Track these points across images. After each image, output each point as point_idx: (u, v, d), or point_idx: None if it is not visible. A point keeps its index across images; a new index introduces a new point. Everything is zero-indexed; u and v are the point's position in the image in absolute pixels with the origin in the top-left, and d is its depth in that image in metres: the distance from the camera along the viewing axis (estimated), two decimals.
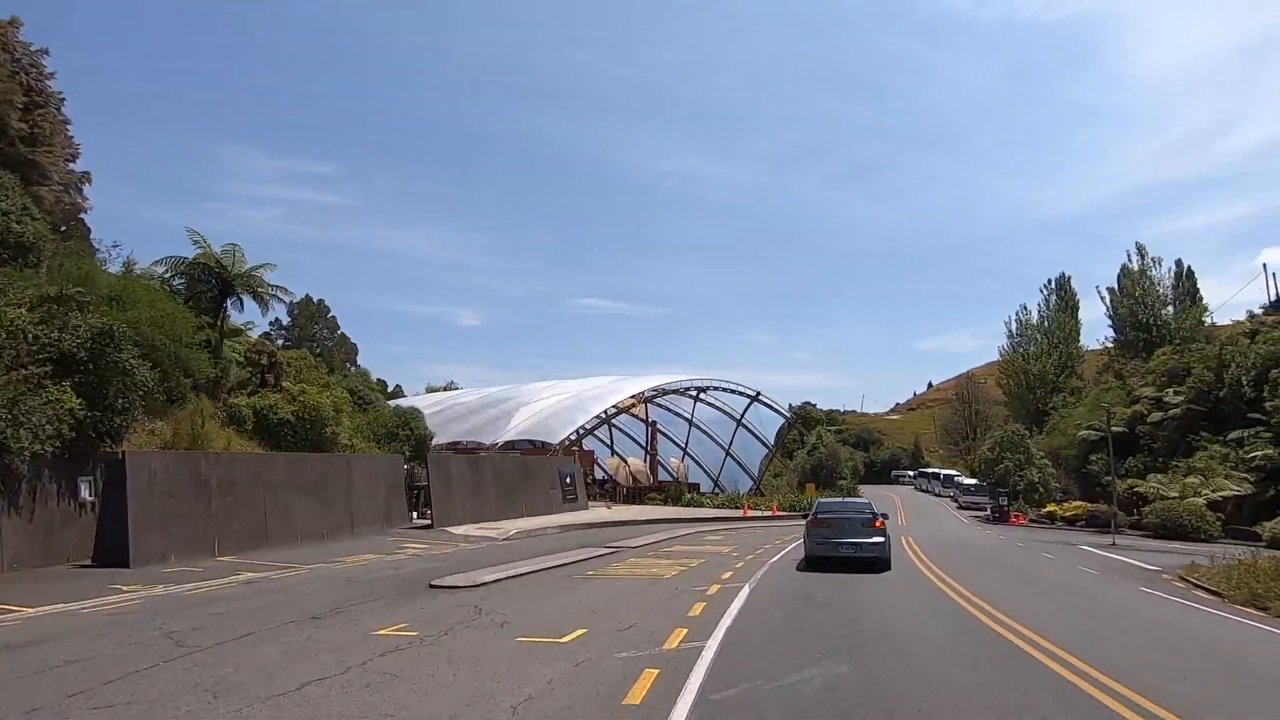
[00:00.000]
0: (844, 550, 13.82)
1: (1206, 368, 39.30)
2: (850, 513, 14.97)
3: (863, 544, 13.83)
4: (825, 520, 14.67)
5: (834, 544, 13.94)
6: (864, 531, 14.04)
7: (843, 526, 14.28)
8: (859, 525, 14.24)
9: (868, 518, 14.50)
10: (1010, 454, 41.85)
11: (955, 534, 30.14)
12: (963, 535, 29.25)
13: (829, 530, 14.29)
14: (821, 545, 14.16)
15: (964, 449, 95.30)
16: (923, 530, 30.76)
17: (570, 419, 39.38)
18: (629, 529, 27.10)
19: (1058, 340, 64.46)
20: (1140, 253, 55.41)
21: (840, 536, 14.03)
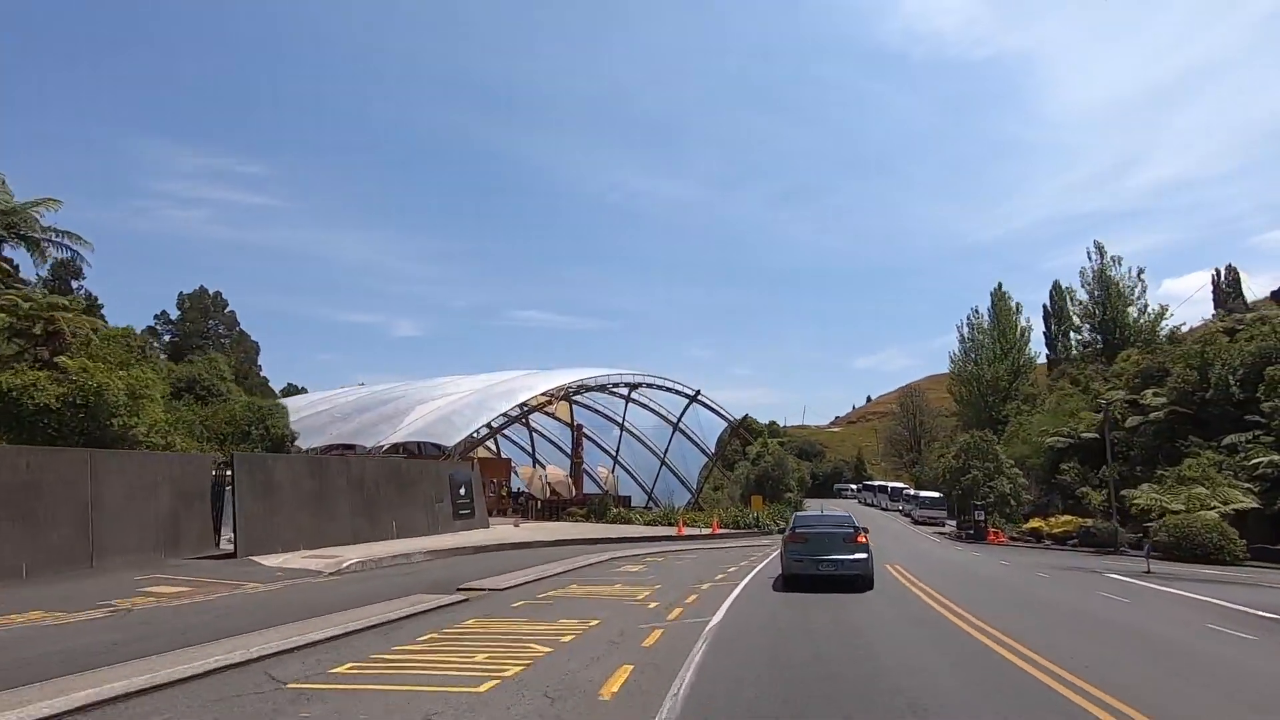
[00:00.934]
0: (824, 568, 13.01)
1: (1189, 366, 35.51)
2: (829, 527, 13.81)
3: (844, 560, 13.03)
4: (803, 535, 13.59)
5: (813, 561, 13.06)
6: (845, 547, 13.14)
7: (822, 542, 13.28)
8: (839, 540, 13.23)
9: (849, 532, 13.35)
10: (978, 462, 37.09)
11: (939, 556, 24.74)
12: (949, 558, 23.83)
13: (807, 546, 13.32)
14: (799, 562, 13.26)
15: (908, 461, 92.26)
16: (900, 551, 25.19)
17: (472, 418, 32.36)
18: (527, 553, 20.52)
19: (1010, 345, 61.28)
20: (1100, 251, 52.59)
21: (820, 553, 13.12)
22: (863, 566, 13.14)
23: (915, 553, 25.31)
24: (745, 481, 48.19)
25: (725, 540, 30.21)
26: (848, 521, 14.07)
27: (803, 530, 13.83)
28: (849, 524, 13.81)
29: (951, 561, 21.92)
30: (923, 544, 30.68)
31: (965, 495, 37.08)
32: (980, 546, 29.43)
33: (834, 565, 12.98)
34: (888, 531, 39.49)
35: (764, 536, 32.75)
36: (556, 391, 35.21)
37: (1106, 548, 25.76)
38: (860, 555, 13.19)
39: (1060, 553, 26.79)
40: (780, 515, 38.82)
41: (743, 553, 23.24)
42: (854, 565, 13.07)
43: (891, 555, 22.97)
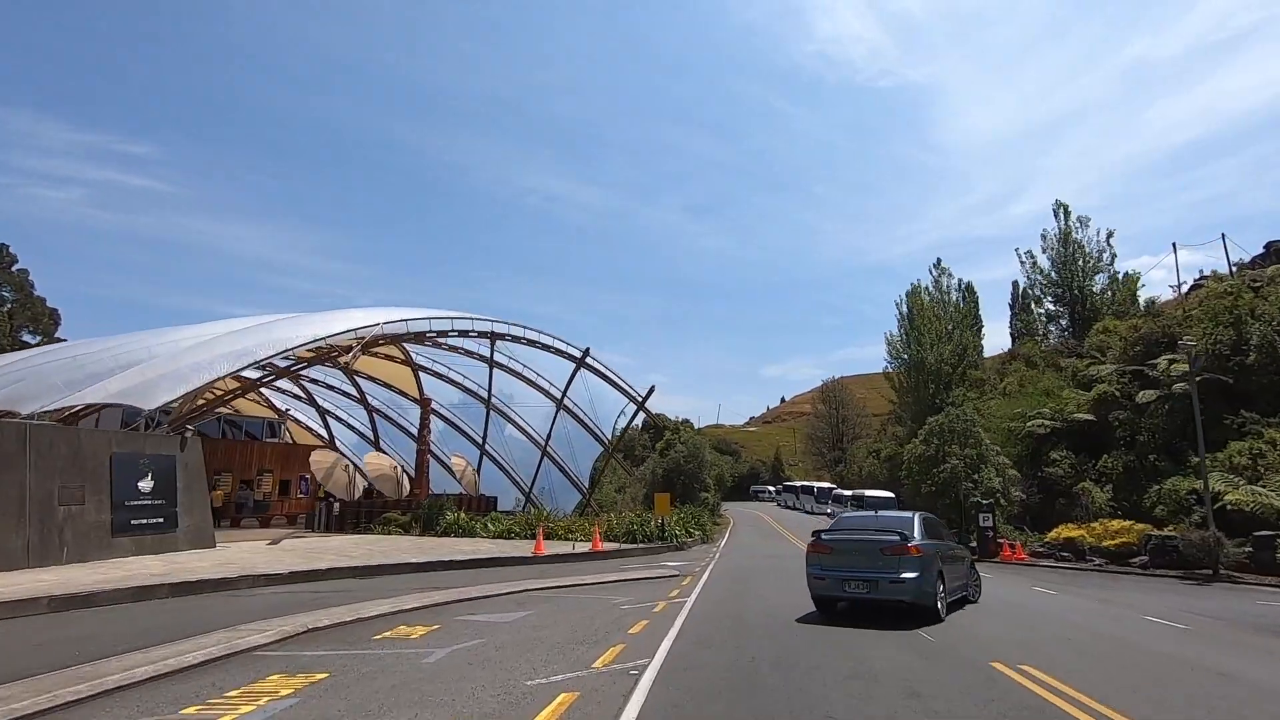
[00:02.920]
0: (852, 589, 9.66)
1: (1219, 324, 27.46)
2: (866, 533, 10.07)
3: (882, 580, 9.42)
4: (828, 545, 10.13)
5: (838, 579, 9.78)
6: (885, 561, 9.48)
7: (851, 554, 9.85)
8: (876, 552, 9.60)
9: (891, 540, 9.62)
10: (957, 448, 27.70)
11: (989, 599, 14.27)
12: (1015, 603, 13.09)
13: (832, 559, 9.97)
14: (821, 581, 10.01)
15: (831, 459, 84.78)
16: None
17: (195, 370, 19.60)
18: (183, 610, 8.42)
19: (954, 325, 53.47)
20: (1064, 212, 45.32)
21: (848, 569, 9.73)
22: (912, 588, 9.28)
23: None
24: (651, 478, 37.34)
25: (609, 562, 19.05)
26: (895, 525, 10.15)
27: (831, 538, 10.26)
28: (895, 528, 9.94)
29: (1030, 611, 11.53)
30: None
31: (939, 493, 27.56)
32: (999, 568, 19.55)
33: (866, 586, 9.50)
34: None
35: (671, 554, 21.78)
36: (366, 339, 22.83)
37: (1200, 569, 16.42)
38: (908, 574, 9.36)
39: (1144, 580, 17.09)
40: (695, 521, 28.04)
41: (631, 591, 12.21)
42: (897, 586, 9.32)
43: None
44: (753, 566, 17.51)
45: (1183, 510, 24.46)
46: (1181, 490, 24.85)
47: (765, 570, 16.78)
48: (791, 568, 17.47)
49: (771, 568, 17.66)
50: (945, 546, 10.63)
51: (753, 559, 20.24)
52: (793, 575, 15.41)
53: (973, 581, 11.91)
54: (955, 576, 10.70)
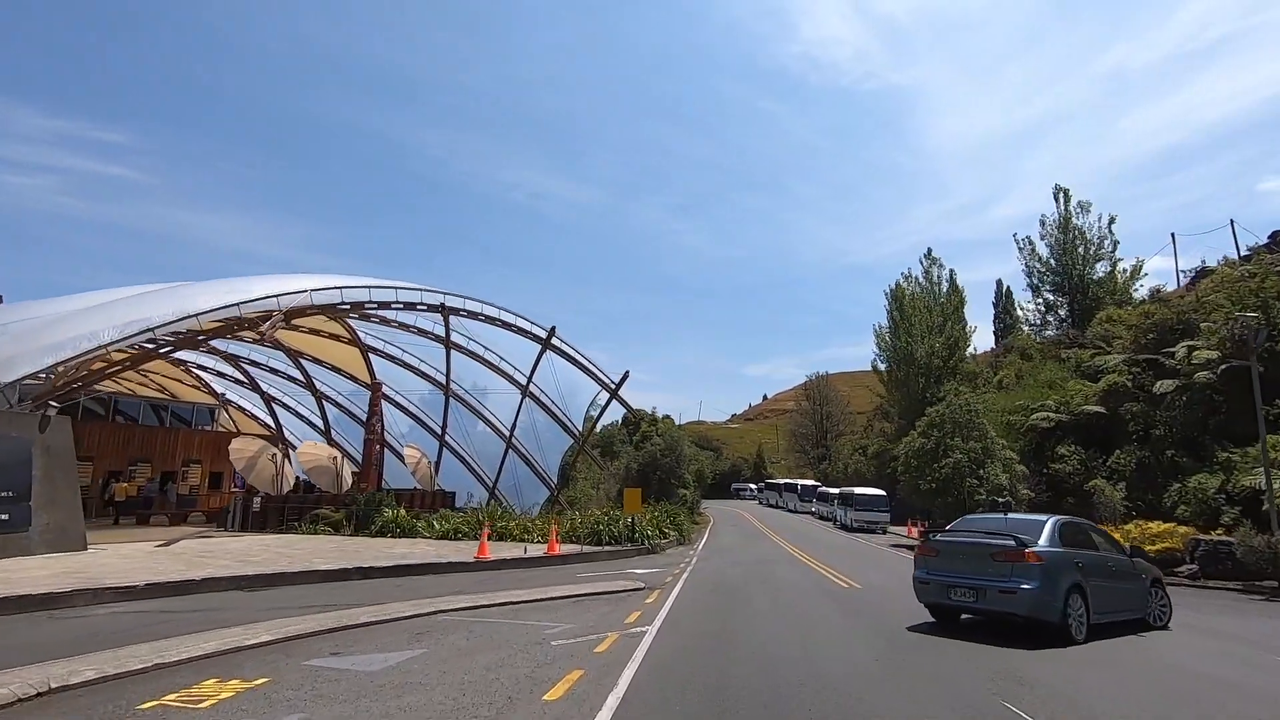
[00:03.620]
0: (956, 596, 8.86)
1: (1246, 308, 25.08)
2: (978, 535, 9.18)
3: (990, 588, 8.51)
4: (934, 548, 9.45)
5: (942, 585, 9.02)
6: (995, 568, 8.57)
7: (959, 557, 9.01)
8: (985, 557, 8.70)
9: (1006, 545, 8.62)
10: (960, 441, 25.06)
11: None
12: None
13: (939, 562, 9.24)
14: (926, 586, 9.32)
15: (814, 457, 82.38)
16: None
17: (82, 340, 16.31)
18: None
19: (945, 317, 51.17)
20: (1064, 197, 43.01)
21: (955, 574, 8.93)
22: (1028, 600, 8.20)
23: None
24: (625, 473, 34.39)
25: (564, 570, 16.12)
26: (1020, 528, 8.94)
27: (940, 540, 9.50)
28: (1018, 531, 8.82)
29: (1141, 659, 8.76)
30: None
31: (940, 490, 24.89)
32: None
33: (972, 594, 8.64)
34: (827, 548, 26.66)
35: (641, 559, 18.89)
36: (290, 308, 19.53)
37: (1261, 580, 13.81)
38: (1024, 583, 8.26)
39: (1205, 595, 14.36)
40: (671, 520, 25.15)
41: (577, 614, 9.24)
42: (1008, 597, 8.29)
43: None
44: (737, 577, 14.61)
45: (1209, 512, 22.07)
46: (1209, 488, 22.44)
47: (753, 582, 13.89)
48: (784, 578, 14.58)
49: (760, 577, 14.78)
50: (1095, 558, 9.31)
51: (736, 566, 17.34)
52: (788, 589, 12.52)
53: (1157, 603, 10.23)
54: (1114, 595, 9.35)
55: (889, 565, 18.95)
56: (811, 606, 10.60)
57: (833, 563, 18.59)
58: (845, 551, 23.22)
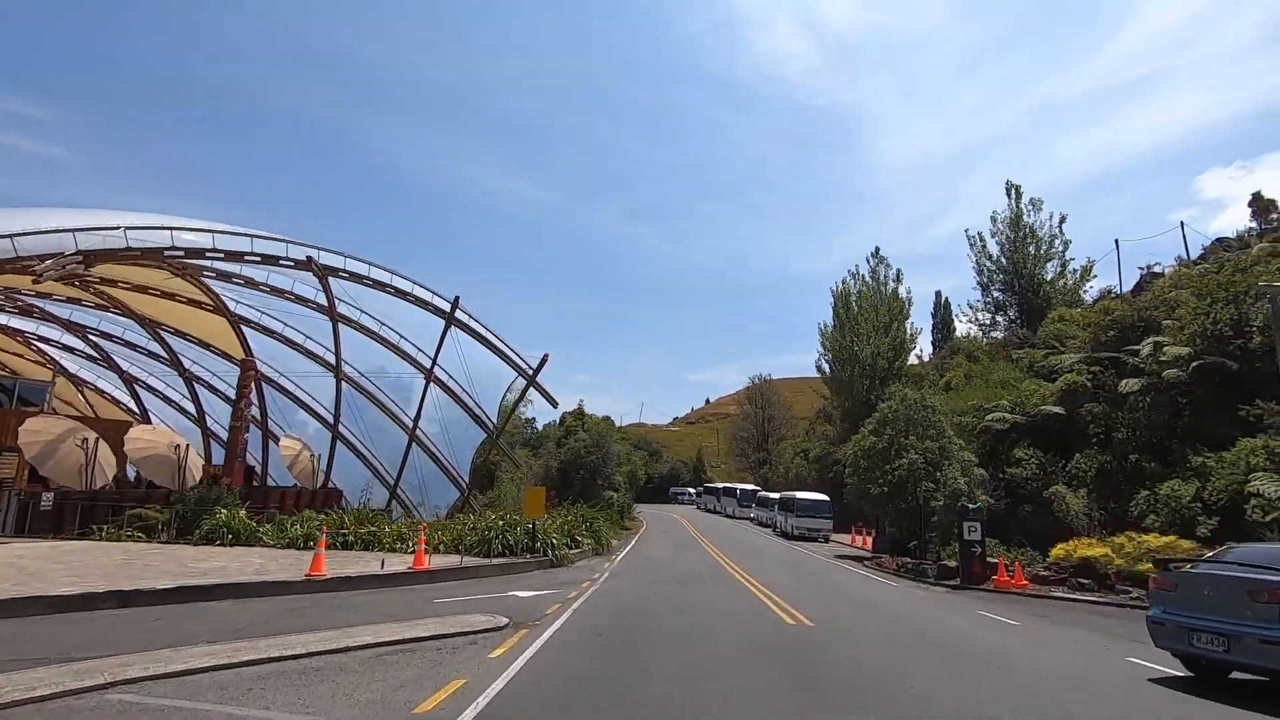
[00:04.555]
0: (1201, 644, 6.74)
1: (1214, 301, 23.27)
2: (1238, 567, 6.86)
3: (1248, 636, 6.29)
4: (1175, 580, 7.38)
5: (1182, 629, 6.94)
6: (1255, 610, 6.35)
7: (1206, 593, 6.86)
8: (1241, 594, 6.48)
9: (1269, 580, 6.36)
10: (914, 440, 22.33)
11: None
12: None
13: (1181, 598, 7.17)
14: (1160, 628, 7.29)
15: (755, 461, 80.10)
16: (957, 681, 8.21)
17: None
18: None
19: (892, 317, 49.25)
20: (1016, 193, 41.54)
21: (1200, 615, 6.84)
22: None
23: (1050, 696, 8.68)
24: (545, 472, 30.53)
25: (420, 591, 12.30)
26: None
27: (1184, 573, 7.35)
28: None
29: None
30: (909, 611, 13.36)
31: (892, 495, 22.06)
32: (1005, 602, 13.77)
33: (1221, 642, 6.45)
34: (766, 560, 23.45)
35: (540, 573, 15.23)
36: (92, 251, 14.86)
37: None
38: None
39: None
40: (587, 525, 21.48)
41: (358, 685, 5.43)
42: (1271, 649, 6.10)
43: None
44: (646, 606, 11.00)
45: (1183, 521, 19.85)
46: (1183, 496, 20.23)
47: (665, 615, 10.23)
48: (711, 608, 11.06)
49: (677, 606, 11.18)
50: None
51: (653, 587, 13.75)
52: (714, 633, 8.96)
53: None
54: None
55: (841, 586, 15.73)
56: (748, 674, 7.09)
57: (773, 582, 15.27)
58: (786, 565, 20.02)
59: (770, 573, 17.27)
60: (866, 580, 17.03)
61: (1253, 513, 17.52)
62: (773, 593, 12.89)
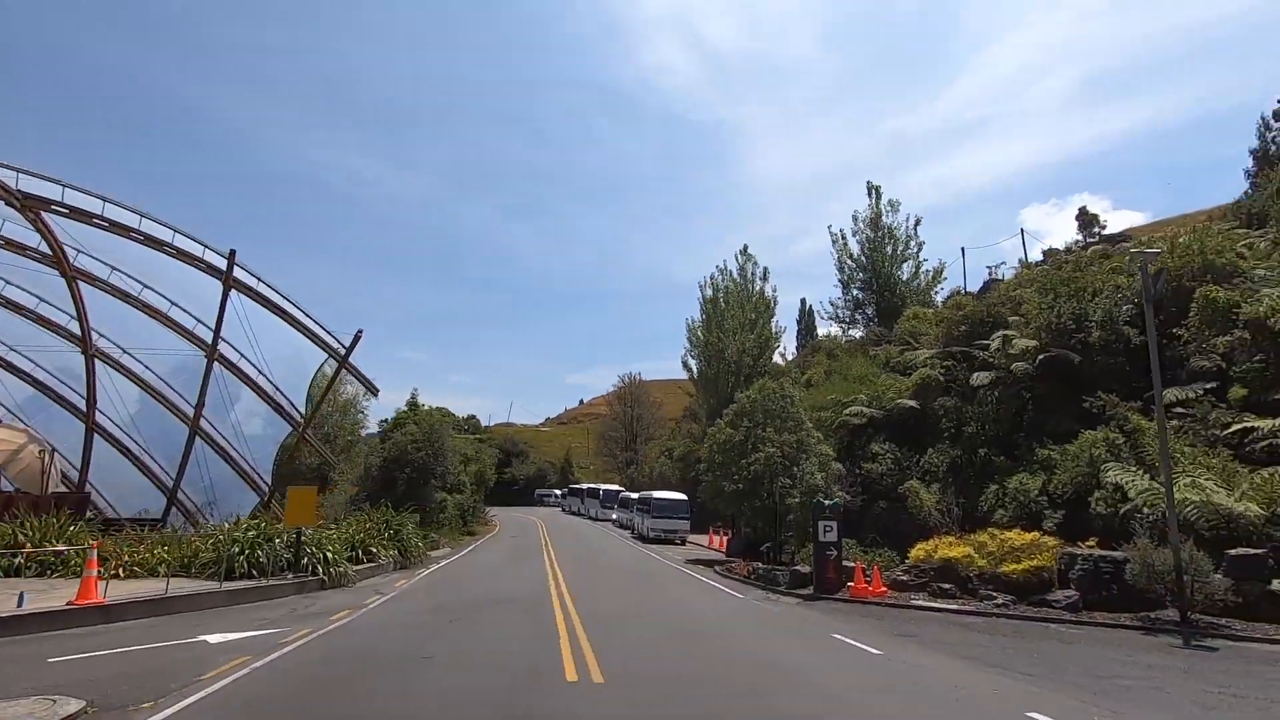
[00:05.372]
0: None
1: (1059, 298, 23.37)
2: None
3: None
4: None
5: None
6: None
7: None
8: None
9: None
10: (772, 432, 20.50)
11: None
12: None
13: None
14: None
15: (623, 461, 78.10)
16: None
17: None
18: None
19: (757, 315, 48.66)
20: (876, 194, 41.99)
21: None
22: None
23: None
24: (365, 471, 26.13)
25: (56, 644, 8.10)
26: None
27: None
28: None
29: None
30: (750, 642, 10.19)
31: (747, 493, 20.07)
32: (861, 614, 11.65)
33: None
34: (608, 572, 20.68)
35: (301, 598, 11.55)
36: None
37: (1155, 609, 9.85)
38: None
39: (1107, 639, 9.76)
40: (391, 534, 17.67)
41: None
42: None
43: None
44: (394, 650, 7.60)
45: (1030, 515, 19.28)
46: (1031, 489, 19.69)
47: (414, 669, 6.79)
48: (500, 654, 7.80)
49: (441, 656, 7.74)
50: None
51: (435, 614, 10.30)
52: (471, 709, 5.70)
53: None
54: None
55: (676, 605, 13.02)
56: None
57: (596, 604, 12.34)
58: (626, 577, 17.30)
59: (600, 590, 14.40)
60: (710, 593, 14.62)
61: (1096, 504, 17.05)
62: (583, 624, 9.88)
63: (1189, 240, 22.75)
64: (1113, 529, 15.82)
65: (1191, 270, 21.51)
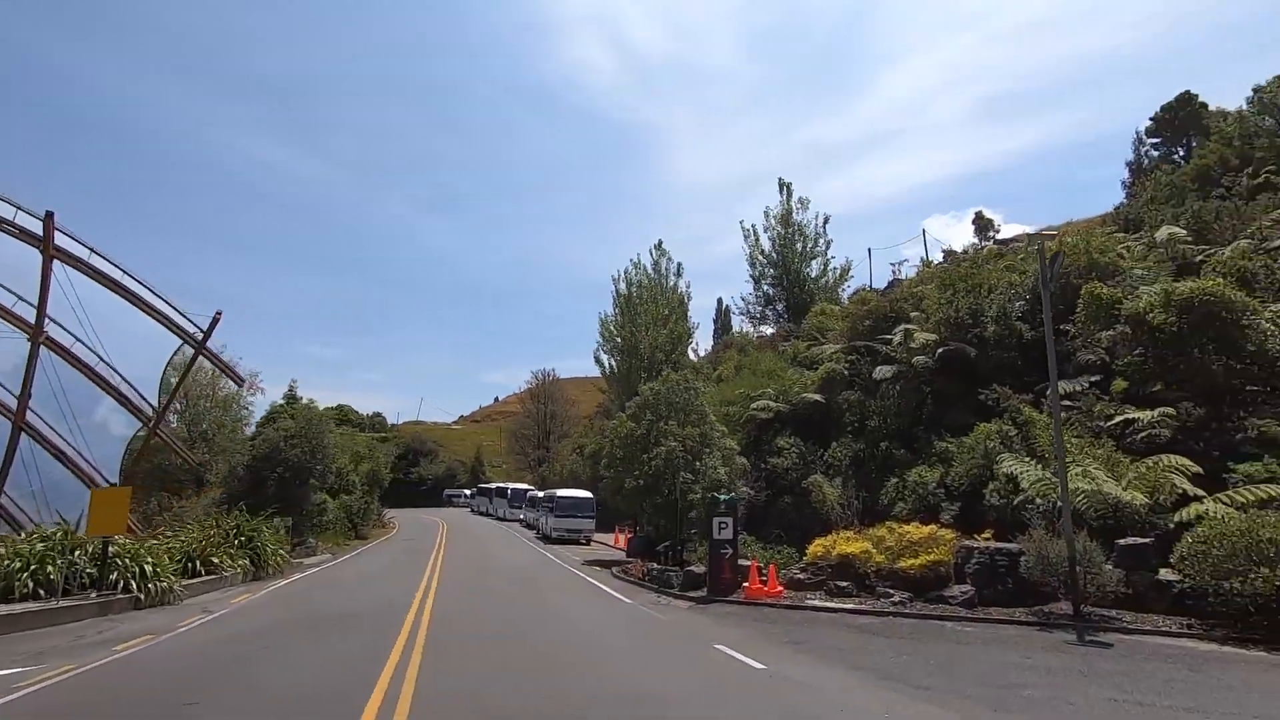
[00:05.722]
0: None
1: (957, 292, 23.67)
2: None
3: None
4: None
5: None
6: None
7: None
8: None
9: None
10: (674, 425, 19.58)
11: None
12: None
13: None
14: None
15: (534, 459, 76.00)
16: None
17: None
18: None
19: (670, 310, 48.07)
20: (788, 190, 42.21)
21: None
22: None
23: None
24: (230, 472, 23.39)
25: None
26: None
27: None
28: None
29: None
30: (622, 661, 8.54)
31: (648, 489, 19.06)
32: (754, 618, 10.72)
33: None
34: (496, 578, 19.14)
35: (102, 622, 9.32)
36: None
37: (1048, 601, 9.45)
38: None
39: (1002, 636, 9.14)
40: (245, 542, 15.48)
41: None
42: None
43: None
44: (154, 692, 5.90)
45: (928, 508, 19.22)
46: (929, 482, 19.64)
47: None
48: (288, 701, 6.26)
49: (201, 709, 6.14)
50: None
51: (239, 644, 8.53)
52: None
53: None
54: None
55: (553, 617, 11.65)
56: None
57: (457, 620, 10.81)
58: (510, 583, 15.82)
59: (473, 601, 12.87)
60: (596, 599, 13.40)
61: (991, 496, 17.07)
62: (425, 648, 7.99)
63: (1076, 240, 23.54)
64: (1006, 519, 15.80)
65: (1078, 268, 22.15)
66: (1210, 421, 15.72)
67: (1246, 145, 30.93)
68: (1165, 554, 10.34)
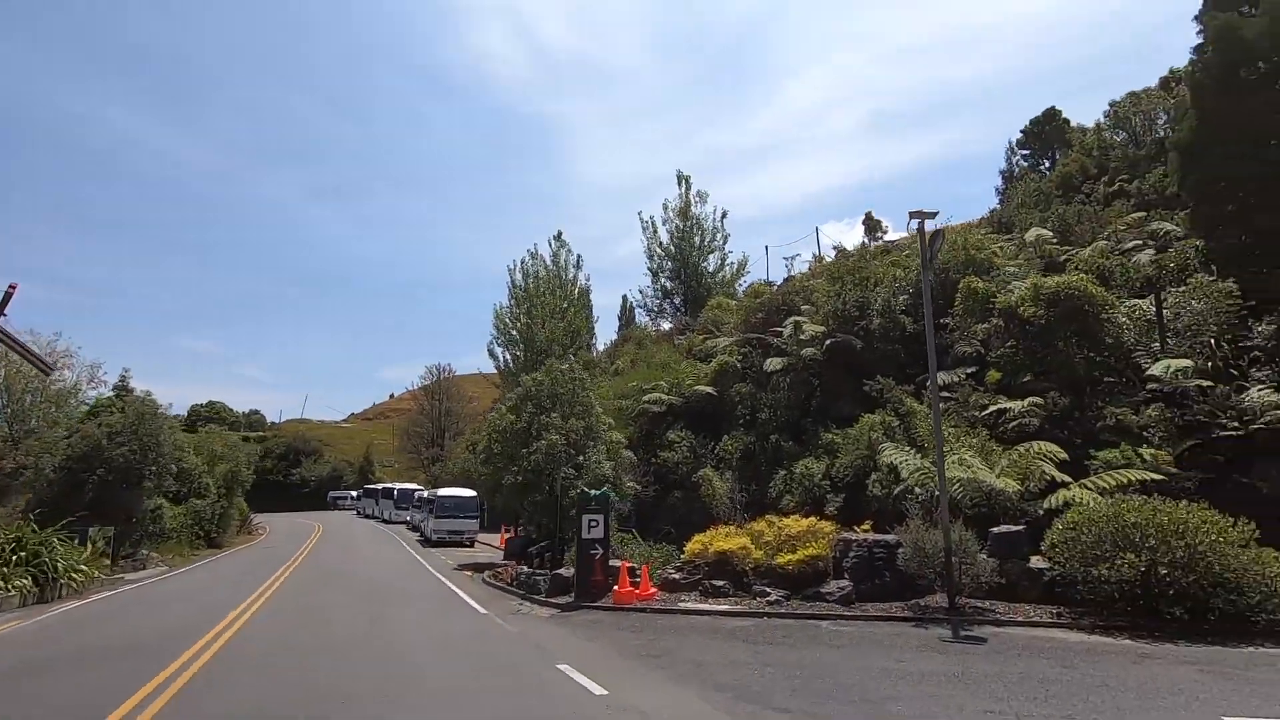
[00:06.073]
0: None
1: (846, 287, 23.76)
2: None
3: None
4: None
5: None
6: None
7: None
8: None
9: None
10: (556, 418, 18.29)
11: None
12: None
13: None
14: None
15: (428, 458, 72.35)
16: None
17: None
18: None
19: (571, 302, 46.68)
20: (686, 183, 41.80)
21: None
22: None
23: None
24: (36, 475, 19.95)
25: None
26: None
27: None
28: None
29: None
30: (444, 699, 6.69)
31: (528, 486, 17.69)
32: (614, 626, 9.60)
33: None
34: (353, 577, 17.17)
35: None
36: None
37: (924, 594, 8.97)
38: None
39: (871, 634, 8.50)
40: (27, 558, 12.82)
41: None
42: None
43: None
44: None
45: (814, 500, 18.98)
46: (815, 474, 19.40)
47: None
48: None
49: None
50: None
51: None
52: None
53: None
54: None
55: (380, 643, 9.97)
56: None
57: (263, 645, 9.08)
58: (358, 596, 14.00)
59: (301, 619, 11.02)
60: (450, 612, 11.81)
61: (873, 486, 16.94)
62: (178, 694, 6.47)
63: (954, 238, 24.18)
64: (887, 510, 15.65)
65: (957, 264, 22.70)
66: (1074, 410, 16.24)
67: (1103, 156, 33.27)
68: (1036, 541, 10.18)
